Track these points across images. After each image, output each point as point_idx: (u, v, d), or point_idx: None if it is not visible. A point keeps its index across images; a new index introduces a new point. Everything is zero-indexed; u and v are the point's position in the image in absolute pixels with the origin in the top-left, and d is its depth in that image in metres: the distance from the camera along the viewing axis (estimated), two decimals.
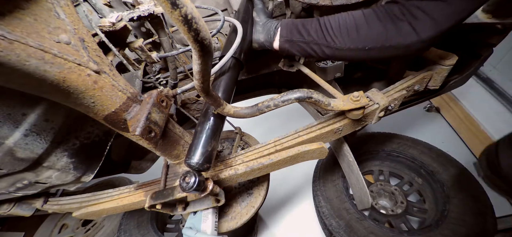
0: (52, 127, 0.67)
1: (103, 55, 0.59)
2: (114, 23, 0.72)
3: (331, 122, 0.83)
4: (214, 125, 0.68)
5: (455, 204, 1.20)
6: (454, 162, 1.37)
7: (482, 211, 1.14)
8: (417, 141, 1.52)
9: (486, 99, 1.79)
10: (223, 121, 0.75)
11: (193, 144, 0.67)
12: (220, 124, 0.72)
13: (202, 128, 0.68)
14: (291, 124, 2.23)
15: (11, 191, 0.78)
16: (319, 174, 1.55)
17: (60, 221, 1.86)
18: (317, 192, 1.47)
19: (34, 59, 0.42)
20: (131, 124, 0.59)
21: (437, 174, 1.34)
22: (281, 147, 0.82)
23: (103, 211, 0.89)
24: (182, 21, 0.31)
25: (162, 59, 0.87)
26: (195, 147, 0.66)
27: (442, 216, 1.20)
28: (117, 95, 0.58)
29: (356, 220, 1.25)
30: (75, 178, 0.83)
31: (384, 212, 1.38)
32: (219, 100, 0.60)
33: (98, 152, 0.85)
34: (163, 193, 0.74)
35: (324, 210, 1.36)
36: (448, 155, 1.41)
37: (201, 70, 0.43)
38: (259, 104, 0.66)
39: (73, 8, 0.54)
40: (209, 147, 0.66)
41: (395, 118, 1.34)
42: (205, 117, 0.70)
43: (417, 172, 1.45)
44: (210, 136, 0.67)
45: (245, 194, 1.07)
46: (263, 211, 1.68)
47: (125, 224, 1.52)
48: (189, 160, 0.65)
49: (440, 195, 1.29)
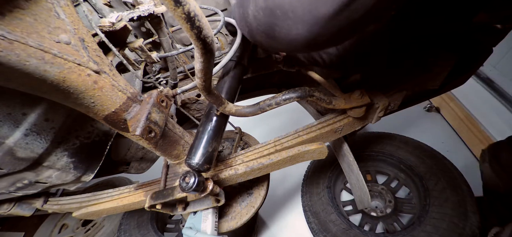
0: (52, 127, 0.67)
1: (103, 55, 0.59)
2: (114, 23, 0.72)
3: (331, 121, 0.83)
4: (216, 126, 0.69)
5: (435, 197, 1.19)
6: (430, 152, 1.35)
7: (462, 201, 1.13)
8: (392, 136, 1.50)
9: (486, 99, 1.79)
10: (226, 123, 0.75)
11: (194, 144, 0.67)
12: (222, 125, 0.72)
13: (204, 128, 0.68)
14: (291, 124, 2.23)
15: (11, 190, 0.78)
16: (305, 189, 1.54)
17: (60, 221, 1.86)
18: (305, 208, 1.46)
19: (34, 59, 0.42)
20: (131, 124, 0.59)
21: (415, 168, 1.33)
22: (281, 147, 0.82)
23: (103, 211, 0.89)
24: (185, 18, 0.31)
25: (162, 59, 0.87)
26: (196, 148, 0.66)
27: (424, 210, 1.19)
28: (117, 95, 0.58)
29: (342, 232, 1.25)
30: (75, 177, 0.83)
31: (374, 214, 1.38)
32: (221, 98, 0.60)
33: (98, 152, 0.85)
34: (163, 193, 0.74)
35: (313, 226, 1.36)
36: (425, 145, 1.39)
37: (203, 68, 0.43)
38: (261, 103, 0.66)
39: (73, 8, 0.54)
40: (210, 148, 0.67)
41: (395, 118, 1.34)
42: (208, 118, 0.70)
43: (398, 168, 1.44)
44: (212, 137, 0.67)
45: (245, 194, 1.07)
46: (263, 211, 1.68)
47: (125, 224, 1.52)
48: (189, 160, 0.65)
49: (421, 189, 1.28)
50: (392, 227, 1.30)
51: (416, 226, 1.14)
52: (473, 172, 1.37)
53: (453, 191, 1.18)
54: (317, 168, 1.59)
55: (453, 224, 1.08)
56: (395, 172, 1.47)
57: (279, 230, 1.61)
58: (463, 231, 1.06)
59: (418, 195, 1.31)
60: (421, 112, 2.04)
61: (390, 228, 1.30)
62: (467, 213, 1.09)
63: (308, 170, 1.63)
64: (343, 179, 1.56)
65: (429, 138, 1.53)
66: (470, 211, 1.10)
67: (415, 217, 1.26)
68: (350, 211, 1.46)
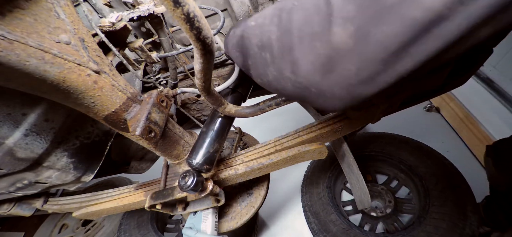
0: (52, 127, 0.67)
1: (103, 55, 0.59)
2: (114, 23, 0.72)
3: (331, 122, 0.83)
4: (219, 128, 0.69)
5: (435, 197, 1.19)
6: (431, 153, 1.35)
7: (462, 201, 1.13)
8: (392, 136, 1.50)
9: (486, 99, 1.79)
10: (230, 125, 0.76)
11: (196, 144, 0.68)
12: (225, 127, 0.72)
13: (207, 129, 0.69)
14: (291, 124, 2.23)
15: (11, 191, 0.78)
16: (305, 189, 1.54)
17: (60, 221, 1.86)
18: (305, 208, 1.46)
19: (34, 59, 0.42)
20: (131, 124, 0.59)
21: (415, 168, 1.33)
22: (281, 147, 0.82)
23: (103, 211, 0.89)
24: (184, 19, 0.31)
25: (162, 59, 0.87)
26: (197, 148, 0.67)
27: (424, 211, 1.19)
28: (117, 95, 0.58)
29: (342, 231, 1.25)
30: (75, 178, 0.83)
31: (374, 214, 1.38)
32: (221, 99, 0.60)
33: (98, 152, 0.85)
34: (163, 193, 0.74)
35: (313, 226, 1.36)
36: (425, 146, 1.39)
37: (202, 68, 0.43)
38: (261, 104, 0.66)
39: (73, 8, 0.54)
40: (212, 149, 0.67)
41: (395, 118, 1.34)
42: (212, 119, 0.71)
43: (398, 168, 1.44)
44: (214, 139, 0.68)
45: (245, 194, 1.07)
46: (263, 211, 1.68)
47: (125, 224, 1.52)
48: (190, 159, 0.66)
49: (421, 189, 1.28)
50: (392, 227, 1.30)
51: (416, 226, 1.14)
52: (473, 172, 1.37)
53: (453, 191, 1.17)
54: (317, 168, 1.58)
55: (453, 224, 1.08)
56: (395, 172, 1.46)
57: (279, 230, 1.61)
58: (463, 231, 1.05)
59: (418, 195, 1.30)
60: (421, 112, 2.04)
61: (390, 228, 1.30)
62: (467, 213, 1.09)
63: (308, 170, 1.63)
64: (343, 179, 1.56)
65: (429, 138, 1.53)
66: (470, 211, 1.10)
67: (415, 217, 1.25)
68: (350, 211, 1.46)
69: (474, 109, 1.81)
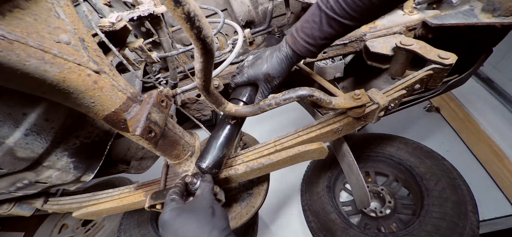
0: (52, 127, 0.67)
1: (103, 55, 0.59)
2: (114, 23, 0.72)
3: (331, 121, 0.83)
4: (228, 133, 0.71)
5: (435, 197, 1.20)
6: (430, 153, 1.35)
7: (462, 201, 1.13)
8: (392, 136, 1.50)
9: (486, 99, 1.79)
10: (238, 131, 0.77)
11: (206, 148, 0.70)
12: (234, 133, 0.74)
13: (217, 134, 0.71)
14: (291, 124, 2.23)
15: (12, 190, 0.78)
16: (305, 188, 1.55)
17: (60, 221, 1.87)
18: (305, 208, 1.46)
19: (34, 59, 0.42)
20: (131, 124, 0.59)
21: (415, 168, 1.34)
22: (281, 147, 0.82)
23: (103, 211, 0.89)
24: (185, 18, 0.31)
25: (162, 59, 0.87)
26: (207, 152, 0.69)
27: (424, 211, 1.19)
28: (117, 95, 0.58)
29: (342, 230, 1.26)
30: (75, 177, 0.83)
31: (373, 215, 1.38)
32: (220, 99, 0.60)
33: (98, 151, 0.85)
34: (163, 193, 0.74)
35: (313, 225, 1.36)
36: (424, 146, 1.39)
37: (203, 68, 0.43)
38: (261, 103, 0.67)
39: (73, 8, 0.54)
40: (221, 154, 0.69)
41: (395, 118, 1.34)
42: (222, 124, 0.73)
43: (398, 169, 1.44)
44: (223, 144, 0.70)
45: (245, 194, 1.07)
46: (263, 211, 1.68)
47: (125, 224, 1.52)
48: (199, 162, 0.68)
49: (421, 189, 1.29)
50: (392, 227, 1.30)
51: (416, 226, 1.14)
52: (473, 172, 1.38)
53: (453, 191, 1.17)
54: (317, 168, 1.59)
55: (453, 224, 1.08)
56: (394, 173, 1.47)
57: (279, 230, 1.62)
58: (463, 231, 1.06)
59: (418, 195, 1.31)
60: (421, 112, 2.04)
61: (390, 229, 1.30)
62: (467, 213, 1.09)
63: (308, 170, 1.64)
64: (343, 179, 1.56)
65: (429, 138, 1.53)
66: (470, 211, 1.10)
67: (415, 217, 1.26)
68: (349, 212, 1.46)
69: (474, 109, 1.81)
